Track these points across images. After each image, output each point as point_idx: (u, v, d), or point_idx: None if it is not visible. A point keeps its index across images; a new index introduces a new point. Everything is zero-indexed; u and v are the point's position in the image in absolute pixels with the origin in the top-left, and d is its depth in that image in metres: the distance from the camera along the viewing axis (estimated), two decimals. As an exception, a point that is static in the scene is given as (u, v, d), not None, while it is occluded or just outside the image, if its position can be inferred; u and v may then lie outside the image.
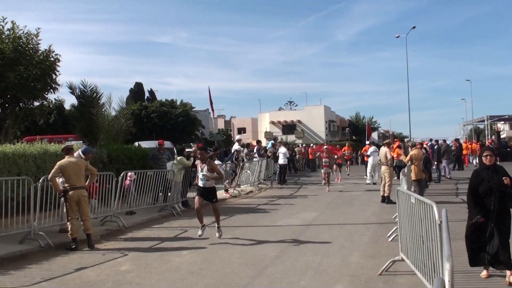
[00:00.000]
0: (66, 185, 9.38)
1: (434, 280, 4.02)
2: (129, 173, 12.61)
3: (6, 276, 7.41)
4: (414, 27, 44.51)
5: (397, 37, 45.32)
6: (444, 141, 28.05)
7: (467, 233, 6.61)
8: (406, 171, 12.81)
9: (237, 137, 24.97)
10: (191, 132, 48.81)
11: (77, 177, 9.41)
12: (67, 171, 9.29)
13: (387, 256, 7.71)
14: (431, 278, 5.45)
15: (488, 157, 6.59)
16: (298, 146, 41.89)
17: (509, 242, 6.38)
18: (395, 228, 8.97)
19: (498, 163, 7.04)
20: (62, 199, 9.78)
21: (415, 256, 6.26)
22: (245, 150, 22.04)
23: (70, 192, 9.30)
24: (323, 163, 20.68)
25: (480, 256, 6.53)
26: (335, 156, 24.03)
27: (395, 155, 16.81)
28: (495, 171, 6.55)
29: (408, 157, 13.84)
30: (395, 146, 18.42)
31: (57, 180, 9.37)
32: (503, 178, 6.38)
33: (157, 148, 15.62)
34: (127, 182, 12.55)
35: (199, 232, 9.85)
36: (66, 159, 9.47)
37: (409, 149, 14.80)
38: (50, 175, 9.27)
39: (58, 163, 9.40)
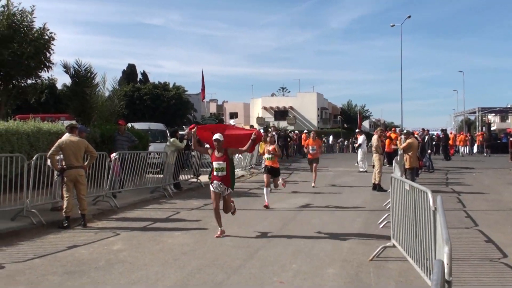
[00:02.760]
0: (64, 163, 9.37)
1: (434, 262, 4.04)
2: (112, 154, 12.12)
3: (-2, 252, 7.42)
4: (409, 17, 45.12)
5: (392, 26, 45.45)
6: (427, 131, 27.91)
7: None
8: (398, 159, 12.92)
9: (231, 121, 24.93)
10: (183, 115, 48.76)
11: (76, 157, 9.40)
12: (66, 150, 9.28)
13: (378, 242, 7.79)
14: (422, 264, 5.53)
15: None
16: (291, 132, 41.91)
17: None
18: (386, 215, 9.07)
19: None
20: (57, 177, 9.77)
21: (407, 242, 6.33)
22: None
23: (68, 171, 9.31)
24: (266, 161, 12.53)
25: None
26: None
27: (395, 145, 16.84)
28: None
29: (405, 145, 13.90)
30: (388, 135, 18.59)
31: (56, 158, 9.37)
32: None
33: (117, 129, 14.19)
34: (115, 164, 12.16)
35: None
36: (67, 137, 9.43)
37: (402, 137, 14.90)
38: (49, 153, 9.27)
39: (58, 141, 9.38)
